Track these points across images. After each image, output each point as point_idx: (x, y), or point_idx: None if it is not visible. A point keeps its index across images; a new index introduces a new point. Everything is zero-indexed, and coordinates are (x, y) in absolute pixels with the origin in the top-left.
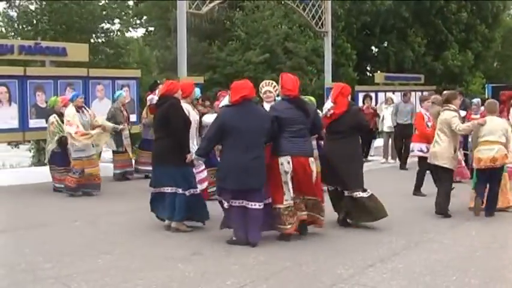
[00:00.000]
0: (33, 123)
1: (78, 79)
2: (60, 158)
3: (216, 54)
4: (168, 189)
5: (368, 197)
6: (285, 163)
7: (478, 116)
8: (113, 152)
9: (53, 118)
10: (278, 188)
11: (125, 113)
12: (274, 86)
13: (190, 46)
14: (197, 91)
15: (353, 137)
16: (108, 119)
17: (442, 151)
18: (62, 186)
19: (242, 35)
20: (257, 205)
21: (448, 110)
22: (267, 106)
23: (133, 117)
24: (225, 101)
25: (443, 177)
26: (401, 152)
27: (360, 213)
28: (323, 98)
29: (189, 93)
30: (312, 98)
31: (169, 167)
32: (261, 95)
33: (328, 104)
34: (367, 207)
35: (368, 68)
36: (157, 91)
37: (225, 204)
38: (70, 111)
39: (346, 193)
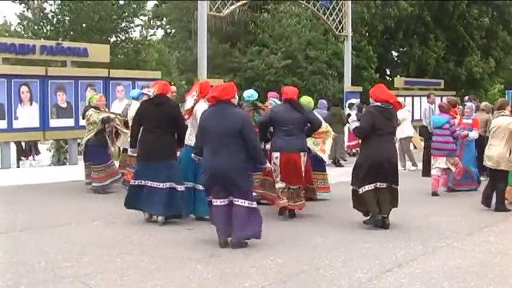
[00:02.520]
0: (54, 122)
1: (98, 79)
2: (97, 155)
3: (238, 57)
4: (160, 185)
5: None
6: (274, 158)
7: (471, 120)
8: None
9: (90, 111)
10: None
11: None
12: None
13: (211, 48)
14: (254, 94)
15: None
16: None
17: (498, 155)
18: (99, 185)
19: (266, 37)
20: (240, 201)
21: (503, 116)
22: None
23: None
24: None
25: (499, 177)
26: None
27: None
28: (343, 101)
29: (206, 93)
30: (308, 98)
31: (169, 162)
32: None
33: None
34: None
35: (388, 72)
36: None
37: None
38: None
39: (393, 186)
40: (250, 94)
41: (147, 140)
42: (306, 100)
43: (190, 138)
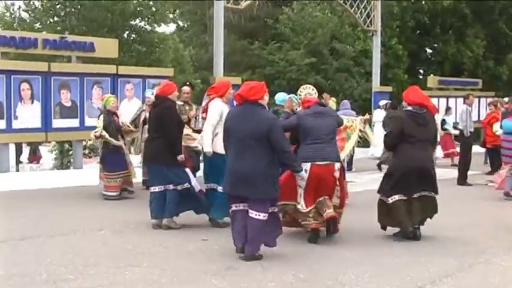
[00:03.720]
0: (57, 123)
1: (106, 77)
2: (110, 161)
3: (257, 52)
4: (156, 189)
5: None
6: (303, 170)
7: None
8: None
9: (101, 116)
10: (292, 190)
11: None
12: (312, 88)
13: (228, 44)
14: (282, 95)
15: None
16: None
17: None
18: (111, 194)
19: (287, 32)
20: (254, 214)
21: None
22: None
23: None
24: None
25: None
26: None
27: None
28: (370, 102)
29: (223, 93)
30: (332, 99)
31: (160, 167)
32: (300, 100)
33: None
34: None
35: (421, 71)
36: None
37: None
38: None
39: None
40: (282, 98)
41: (145, 144)
42: (332, 101)
43: (216, 143)
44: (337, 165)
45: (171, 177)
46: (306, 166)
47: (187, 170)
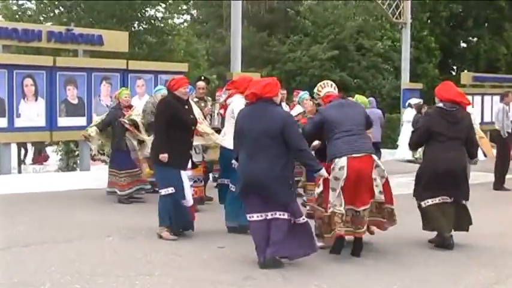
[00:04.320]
0: (63, 121)
1: (115, 72)
2: (119, 160)
3: (276, 47)
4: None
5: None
6: (337, 169)
7: None
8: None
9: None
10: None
11: None
12: (332, 85)
13: (247, 37)
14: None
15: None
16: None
17: None
18: (123, 193)
19: (309, 25)
20: (278, 214)
21: None
22: None
23: None
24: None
25: None
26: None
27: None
28: (399, 100)
29: (244, 89)
30: (364, 98)
31: (155, 166)
32: (320, 99)
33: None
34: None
35: (453, 67)
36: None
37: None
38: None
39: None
40: (304, 96)
41: None
42: (362, 100)
43: (224, 138)
44: (375, 157)
45: (157, 179)
46: (342, 162)
47: (183, 174)
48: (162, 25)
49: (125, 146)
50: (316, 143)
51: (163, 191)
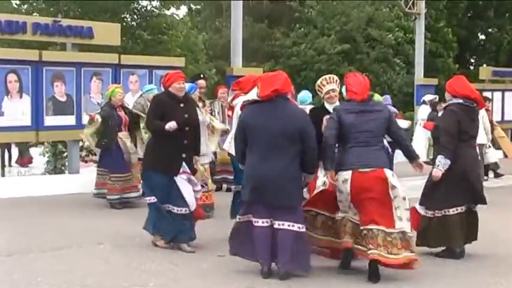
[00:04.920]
0: (50, 120)
1: (106, 67)
2: (111, 161)
3: (279, 40)
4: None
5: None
6: (340, 182)
7: None
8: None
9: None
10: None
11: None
12: (337, 81)
13: (247, 29)
14: (308, 97)
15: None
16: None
17: None
18: (116, 197)
19: (314, 16)
20: (286, 224)
21: None
22: (330, 108)
23: None
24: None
25: None
26: None
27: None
28: (412, 97)
29: (248, 90)
30: (379, 97)
31: (142, 170)
32: (321, 94)
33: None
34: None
35: (471, 60)
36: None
37: (237, 218)
38: None
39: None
40: (305, 98)
41: None
42: (377, 98)
43: (231, 144)
44: (388, 171)
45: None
46: (346, 175)
47: (178, 179)
48: (157, 20)
49: (114, 146)
50: None
51: (146, 198)
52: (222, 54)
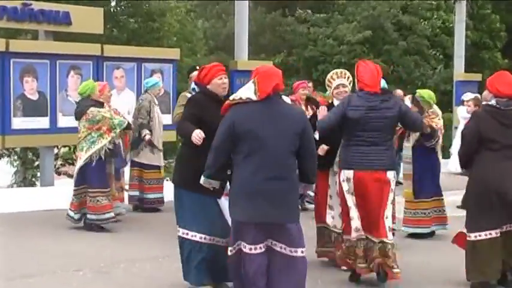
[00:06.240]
0: (18, 123)
1: (87, 59)
2: (96, 175)
3: (293, 26)
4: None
5: None
6: (343, 176)
7: None
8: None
9: (93, 109)
10: (344, 213)
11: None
12: (349, 78)
13: (253, 16)
14: None
15: None
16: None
17: None
18: (96, 217)
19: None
20: (294, 250)
21: None
22: None
23: (167, 119)
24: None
25: None
26: None
27: None
28: (451, 96)
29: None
30: (429, 93)
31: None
32: (330, 89)
33: None
34: None
35: None
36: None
37: (230, 247)
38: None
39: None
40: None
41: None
42: (428, 95)
43: None
44: (390, 174)
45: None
46: (348, 174)
47: (221, 202)
48: (147, 5)
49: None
50: (324, 147)
51: (180, 231)
52: (224, 46)
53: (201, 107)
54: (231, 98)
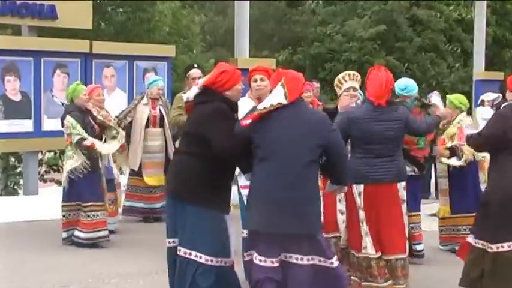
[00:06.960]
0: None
1: (74, 57)
2: (88, 188)
3: (298, 17)
4: None
5: None
6: (356, 192)
7: None
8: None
9: (69, 119)
10: (354, 229)
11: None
12: (359, 81)
13: (255, 9)
14: (411, 86)
15: None
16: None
17: None
18: (87, 236)
19: None
20: (321, 260)
21: None
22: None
23: None
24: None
25: None
26: None
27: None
28: (469, 96)
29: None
30: (462, 98)
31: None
32: (340, 91)
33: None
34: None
35: None
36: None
37: (245, 256)
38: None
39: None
40: (404, 86)
41: None
42: (460, 100)
43: None
44: (401, 184)
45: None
46: (359, 188)
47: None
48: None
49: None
50: None
51: (202, 257)
52: (223, 42)
53: (231, 117)
54: (259, 107)
